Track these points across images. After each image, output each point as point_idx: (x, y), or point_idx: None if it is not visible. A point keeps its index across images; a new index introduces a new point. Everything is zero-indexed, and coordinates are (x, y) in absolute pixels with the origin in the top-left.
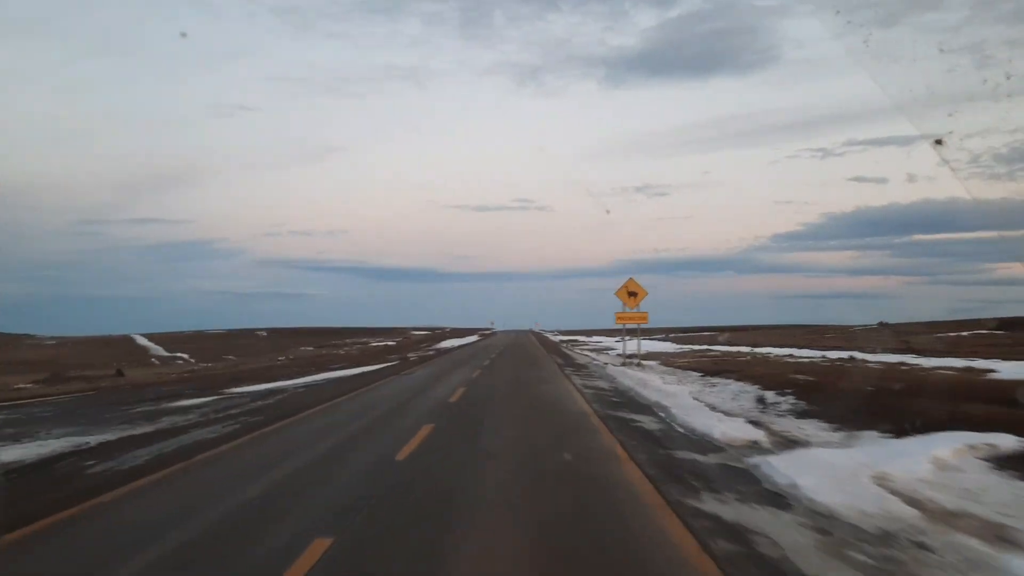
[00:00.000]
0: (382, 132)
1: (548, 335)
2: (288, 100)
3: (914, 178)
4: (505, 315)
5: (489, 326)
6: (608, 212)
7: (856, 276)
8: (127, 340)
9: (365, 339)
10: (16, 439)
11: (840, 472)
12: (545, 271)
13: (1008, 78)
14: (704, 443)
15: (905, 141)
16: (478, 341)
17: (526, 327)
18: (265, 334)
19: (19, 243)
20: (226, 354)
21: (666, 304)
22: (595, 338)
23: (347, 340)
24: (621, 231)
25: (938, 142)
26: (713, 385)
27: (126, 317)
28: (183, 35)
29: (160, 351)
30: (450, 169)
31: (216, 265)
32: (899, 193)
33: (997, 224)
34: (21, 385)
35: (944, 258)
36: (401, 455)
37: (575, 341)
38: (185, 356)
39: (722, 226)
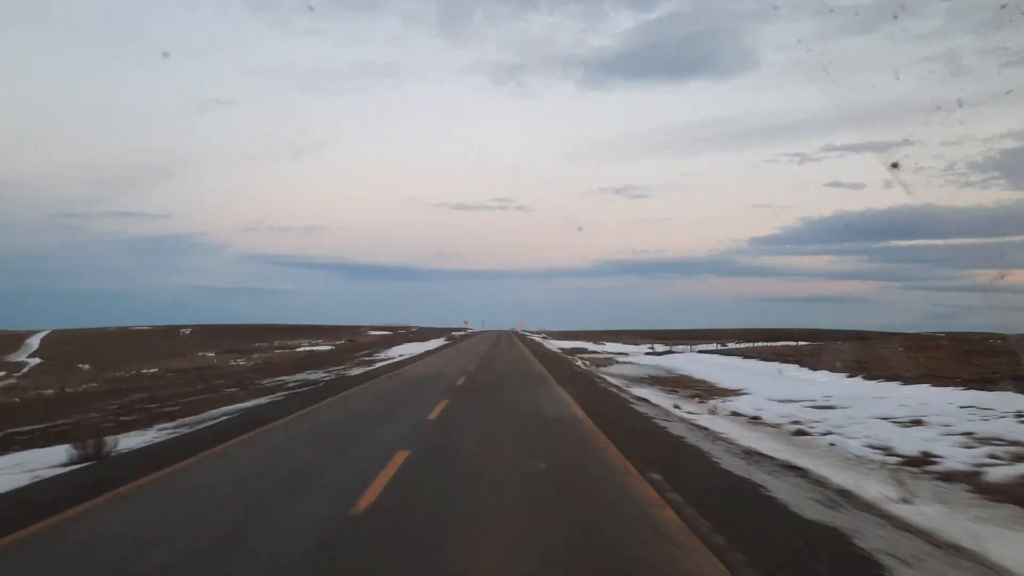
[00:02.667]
0: (361, 129)
1: (537, 338)
2: (266, 95)
3: (890, 184)
4: (485, 314)
5: (463, 325)
6: (580, 229)
7: (834, 280)
8: (17, 337)
9: (299, 340)
10: None
11: None
12: (525, 271)
13: (960, 106)
14: None
15: (882, 147)
16: (441, 349)
17: (507, 327)
18: (189, 332)
19: None
20: (96, 361)
21: (644, 306)
22: (608, 346)
23: (275, 343)
24: (601, 232)
25: (894, 165)
26: None
27: (98, 310)
28: (165, 55)
29: (23, 355)
30: (430, 167)
31: (193, 260)
32: (876, 198)
33: (972, 230)
34: None
35: (919, 264)
36: None
37: (581, 350)
38: (31, 363)
39: (700, 229)
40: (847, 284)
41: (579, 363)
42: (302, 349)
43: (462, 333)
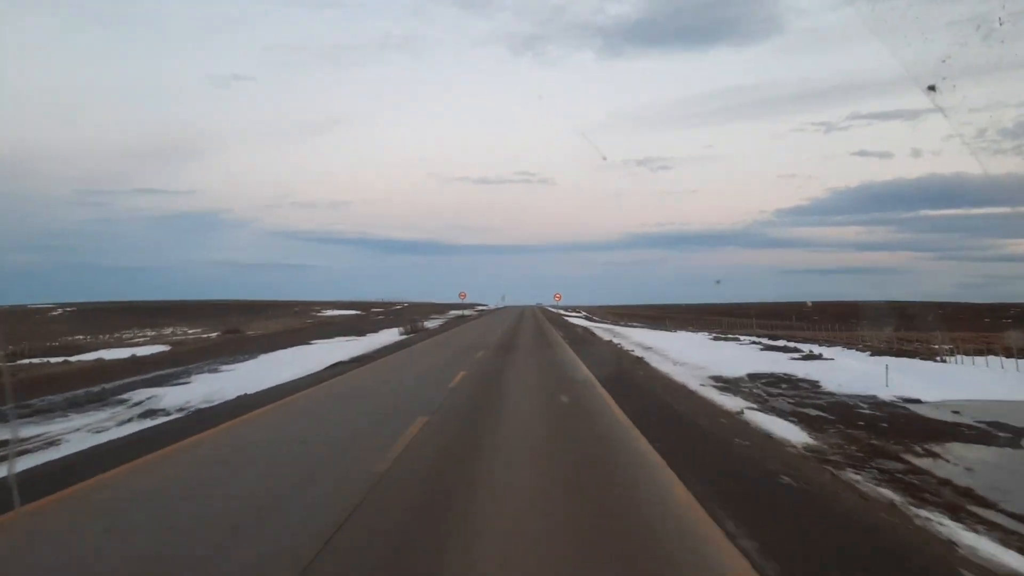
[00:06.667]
0: (382, 103)
1: (586, 323)
2: (284, 70)
3: (919, 153)
4: (508, 288)
5: (460, 300)
6: (604, 158)
7: (862, 251)
8: None
9: (170, 328)
10: None
11: None
12: (550, 244)
13: (1001, 23)
14: None
15: (911, 115)
16: (340, 376)
17: (533, 302)
18: (70, 310)
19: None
20: None
21: (672, 280)
22: (823, 360)
23: (145, 331)
24: (624, 205)
25: (931, 88)
26: None
27: (119, 286)
28: None
29: None
30: (451, 141)
31: (219, 236)
32: (904, 168)
33: (1004, 199)
34: None
35: (951, 233)
36: None
37: (776, 377)
38: None
39: (725, 200)
40: (877, 255)
41: None
42: (90, 357)
43: (458, 313)
